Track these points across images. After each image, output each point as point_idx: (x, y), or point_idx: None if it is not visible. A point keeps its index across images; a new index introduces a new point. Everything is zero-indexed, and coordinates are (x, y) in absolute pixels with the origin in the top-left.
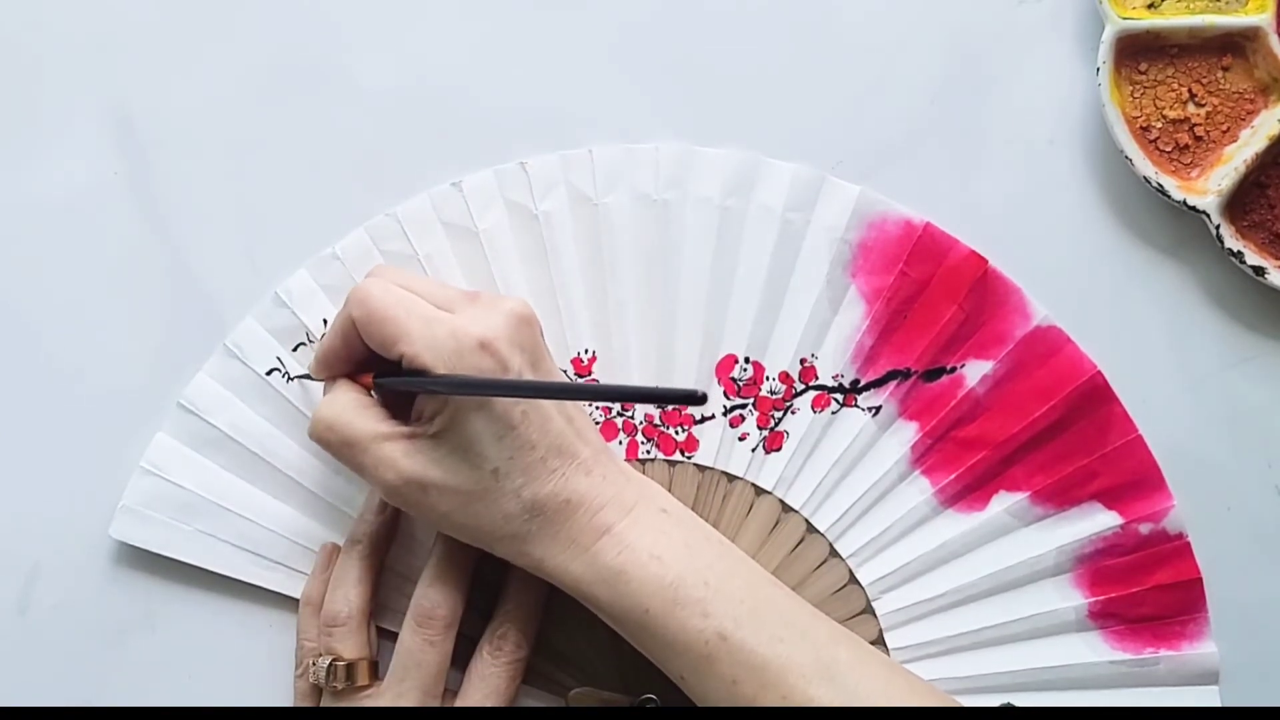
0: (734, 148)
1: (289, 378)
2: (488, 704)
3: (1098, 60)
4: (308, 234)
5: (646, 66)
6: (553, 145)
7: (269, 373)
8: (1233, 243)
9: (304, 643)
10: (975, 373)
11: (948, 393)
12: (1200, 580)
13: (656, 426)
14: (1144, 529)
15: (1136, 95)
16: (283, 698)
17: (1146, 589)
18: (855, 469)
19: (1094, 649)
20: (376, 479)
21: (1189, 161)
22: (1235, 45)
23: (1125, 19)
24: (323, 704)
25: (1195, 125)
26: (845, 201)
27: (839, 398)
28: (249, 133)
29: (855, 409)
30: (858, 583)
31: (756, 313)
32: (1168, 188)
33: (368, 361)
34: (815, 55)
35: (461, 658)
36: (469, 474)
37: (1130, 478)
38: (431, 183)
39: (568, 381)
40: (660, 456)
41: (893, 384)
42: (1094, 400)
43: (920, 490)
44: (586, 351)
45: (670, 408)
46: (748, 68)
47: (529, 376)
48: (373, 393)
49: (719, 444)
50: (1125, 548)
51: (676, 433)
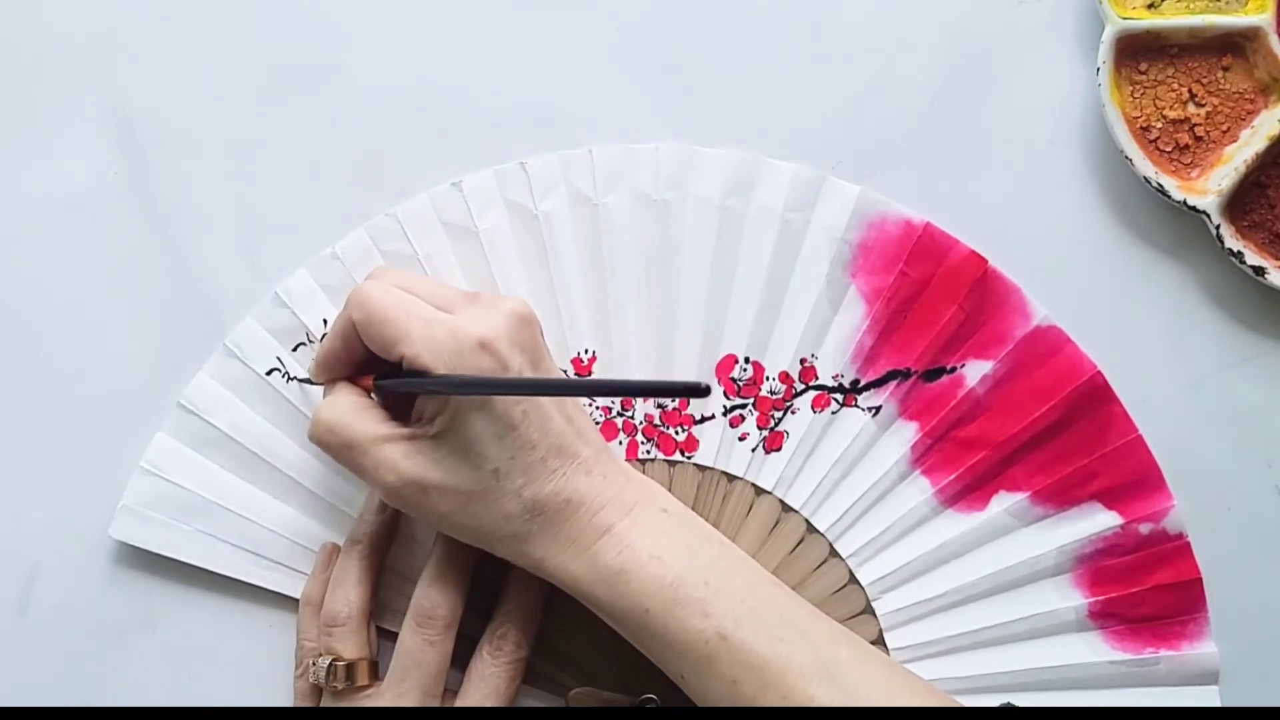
0: (734, 148)
1: (289, 378)
2: (488, 704)
3: (1098, 60)
4: (308, 234)
5: (646, 66)
6: (553, 145)
7: (269, 373)
8: (1233, 243)
9: (304, 643)
10: (975, 373)
11: (948, 393)
12: (1200, 580)
13: (656, 426)
14: (1144, 529)
15: (1136, 95)
16: (283, 698)
17: (1146, 589)
18: (855, 469)
19: (1094, 649)
20: (376, 481)
21: (1189, 161)
22: (1235, 45)
23: (1125, 19)
24: (323, 704)
25: (1195, 125)
26: (845, 201)
27: (839, 398)
28: (249, 133)
29: (855, 409)
30: (858, 583)
31: (756, 313)
32: (1168, 188)
33: (368, 364)
34: (815, 55)
35: (461, 658)
36: (470, 474)
37: (1130, 478)
38: (431, 183)
39: (564, 379)
40: (660, 456)
41: (893, 384)
42: (1094, 400)
43: (920, 490)
44: (586, 351)
45: (672, 406)
46: (748, 68)
47: (529, 376)
48: (373, 395)
49: (719, 444)
50: (1125, 548)
51: (676, 433)
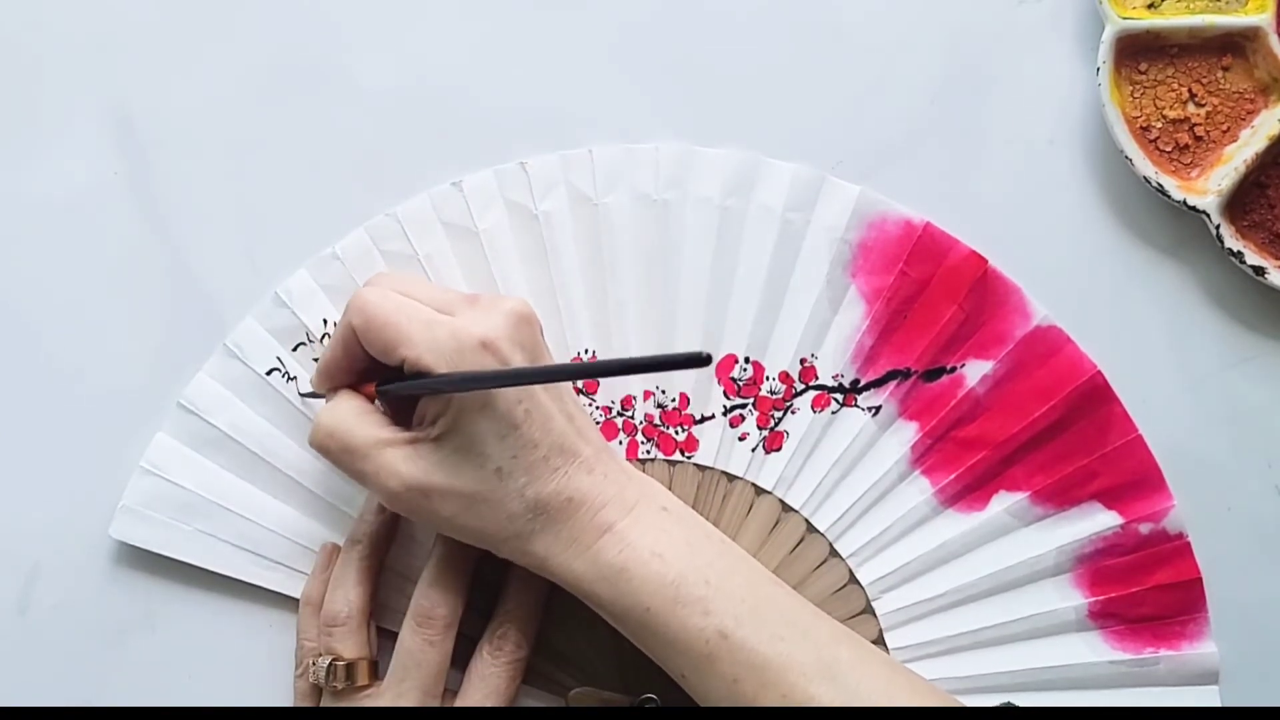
0: (734, 148)
1: (289, 378)
2: (488, 704)
3: (1098, 60)
4: (308, 234)
5: (646, 66)
6: (553, 145)
7: (269, 373)
8: (1233, 243)
9: (304, 643)
10: (975, 372)
11: (948, 393)
12: (1200, 580)
13: (656, 426)
14: (1144, 529)
15: (1136, 95)
16: (283, 698)
17: (1146, 589)
18: (855, 469)
19: (1094, 649)
20: (378, 486)
21: (1189, 161)
22: (1235, 45)
23: (1125, 19)
24: (323, 704)
25: (1195, 125)
26: (845, 201)
27: (839, 398)
28: (249, 133)
29: (855, 409)
30: (858, 582)
31: (756, 313)
32: (1168, 188)
33: (370, 371)
34: (815, 55)
35: (461, 658)
36: (472, 474)
37: (1130, 478)
38: (431, 183)
39: (566, 364)
40: (660, 456)
41: (893, 384)
42: (1094, 400)
43: (920, 490)
44: (586, 351)
45: (672, 406)
46: (748, 68)
47: None
48: (376, 402)
49: (719, 444)
50: (1125, 548)
51: (676, 432)
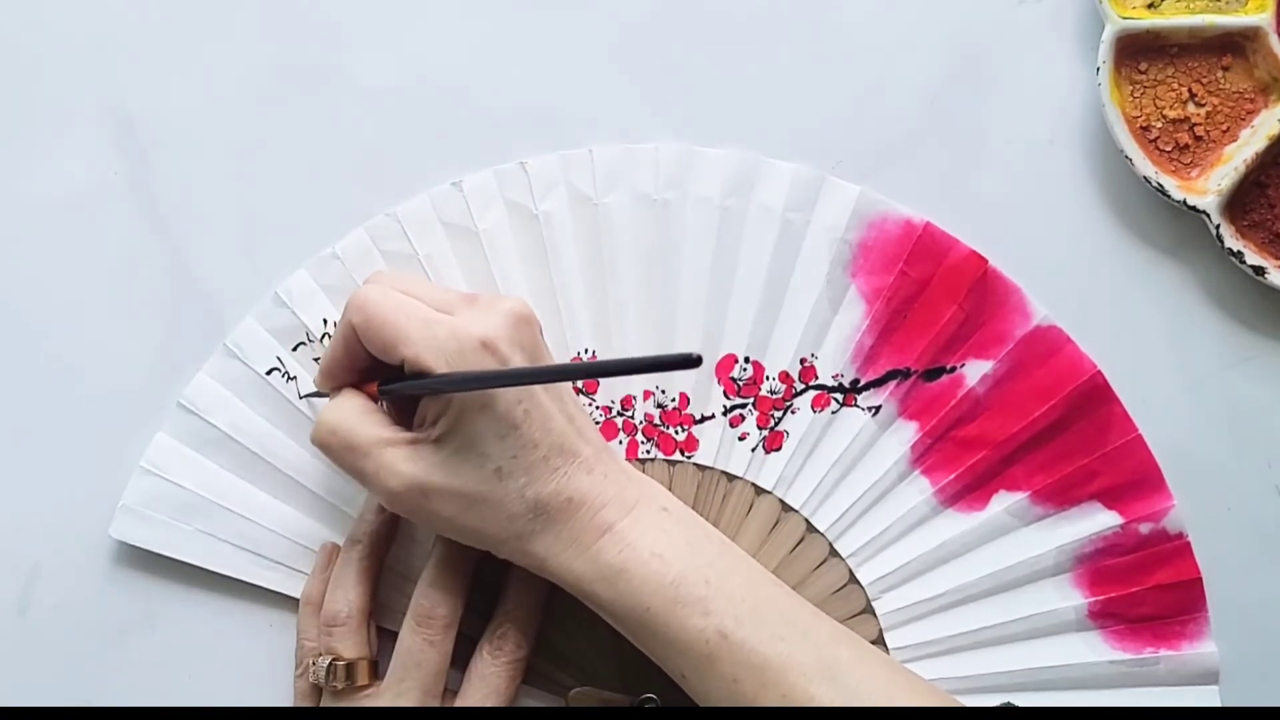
0: (734, 148)
1: (289, 378)
2: (488, 704)
3: (1098, 60)
4: (308, 234)
5: (646, 66)
6: (553, 145)
7: (269, 373)
8: (1233, 242)
9: (304, 642)
10: (975, 372)
11: (948, 392)
12: (1200, 580)
13: (656, 426)
14: (1144, 529)
15: (1136, 95)
16: (283, 698)
17: (1146, 589)
18: (855, 469)
19: (1094, 649)
20: (378, 485)
21: (1189, 161)
22: (1235, 45)
23: (1125, 19)
24: (323, 704)
25: (1195, 125)
26: (845, 201)
27: (839, 397)
28: (249, 133)
29: (855, 409)
30: (857, 582)
31: (756, 313)
32: (1168, 188)
33: (372, 371)
34: (815, 55)
35: (461, 658)
36: (472, 474)
37: (1130, 477)
38: (431, 183)
39: (566, 364)
40: (660, 456)
41: (893, 384)
42: (1094, 400)
43: (920, 490)
44: (586, 351)
45: (672, 406)
46: (748, 68)
47: None
48: (379, 402)
49: (719, 444)
50: (1125, 547)
51: (676, 432)
